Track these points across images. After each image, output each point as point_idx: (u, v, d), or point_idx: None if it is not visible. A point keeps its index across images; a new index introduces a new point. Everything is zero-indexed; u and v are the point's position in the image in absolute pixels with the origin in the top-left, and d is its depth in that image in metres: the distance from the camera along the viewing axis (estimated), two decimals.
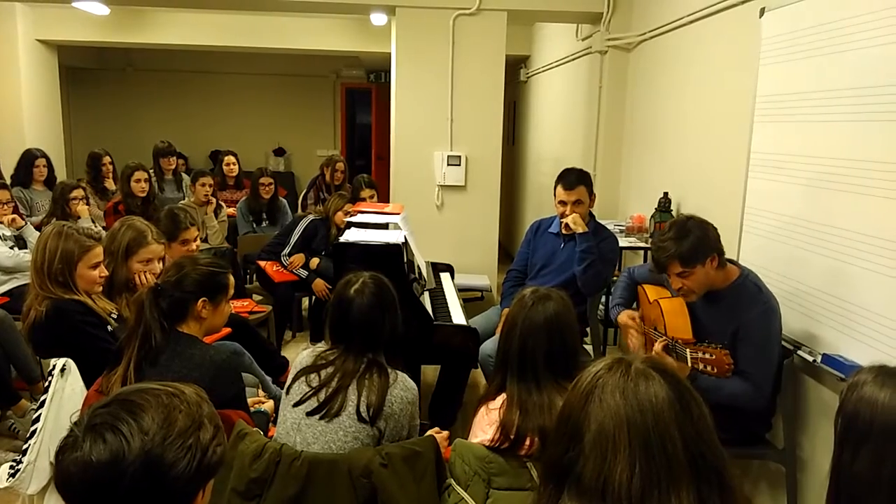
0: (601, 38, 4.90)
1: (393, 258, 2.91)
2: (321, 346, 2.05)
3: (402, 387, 1.95)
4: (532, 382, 1.85)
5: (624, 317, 2.94)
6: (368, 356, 1.97)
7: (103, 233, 3.35)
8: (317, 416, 1.88)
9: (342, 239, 3.01)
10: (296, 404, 1.92)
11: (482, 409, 1.96)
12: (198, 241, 3.53)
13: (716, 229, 2.55)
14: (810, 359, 2.59)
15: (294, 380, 1.97)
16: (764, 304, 2.52)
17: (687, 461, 0.95)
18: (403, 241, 3.03)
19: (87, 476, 0.96)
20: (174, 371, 2.03)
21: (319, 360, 1.98)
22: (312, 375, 1.94)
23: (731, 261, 2.64)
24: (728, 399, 2.51)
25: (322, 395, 1.89)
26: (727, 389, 2.50)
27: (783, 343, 2.70)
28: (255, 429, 1.97)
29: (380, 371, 1.95)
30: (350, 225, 3.35)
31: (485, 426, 1.90)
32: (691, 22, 3.85)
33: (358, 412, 1.87)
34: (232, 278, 2.28)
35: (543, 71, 6.91)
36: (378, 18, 6.29)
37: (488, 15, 4.83)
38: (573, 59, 5.70)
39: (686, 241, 2.46)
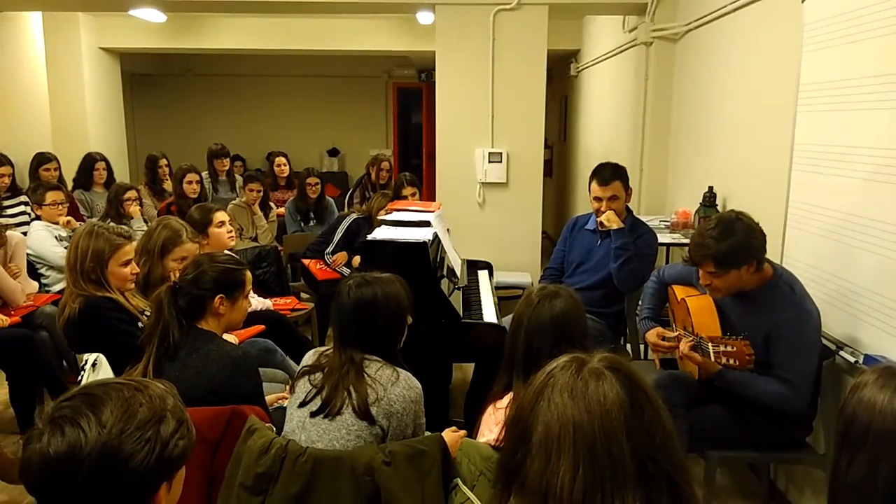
0: (646, 30, 4.78)
1: (418, 256, 2.90)
2: (326, 346, 2.07)
3: (405, 385, 1.93)
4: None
5: (652, 335, 2.86)
6: (360, 354, 1.96)
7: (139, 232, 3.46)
8: (321, 416, 1.88)
9: (369, 237, 3.02)
10: (301, 404, 1.93)
11: (490, 408, 1.93)
12: (227, 227, 3.59)
13: (763, 234, 2.43)
14: (852, 360, 2.45)
15: (298, 379, 1.99)
16: (797, 307, 2.40)
17: (634, 465, 0.90)
18: (431, 238, 3.01)
19: (45, 467, 0.99)
20: (192, 367, 2.09)
21: (322, 359, 1.99)
22: (316, 374, 1.96)
23: (766, 259, 2.52)
24: (759, 397, 2.41)
25: (324, 394, 1.90)
26: (760, 387, 2.41)
27: (826, 343, 2.57)
28: (267, 424, 1.99)
29: (377, 368, 1.94)
30: (382, 223, 3.36)
31: (492, 425, 1.88)
32: (736, 9, 3.70)
33: (357, 409, 1.87)
34: (249, 275, 2.31)
35: (592, 65, 6.79)
36: (425, 17, 6.31)
37: (529, 9, 4.77)
38: (620, 52, 5.58)
39: (727, 242, 2.35)
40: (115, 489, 1.01)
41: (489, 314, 3.30)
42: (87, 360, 2.37)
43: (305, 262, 4.84)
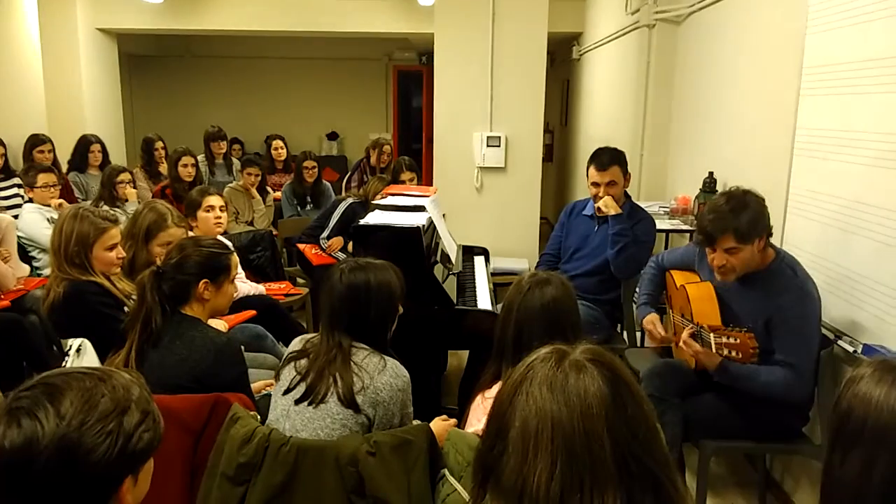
0: (649, 12, 4.70)
1: (412, 241, 2.85)
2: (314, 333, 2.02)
3: (392, 374, 1.89)
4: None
5: (649, 322, 2.82)
6: (348, 340, 1.92)
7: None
8: (305, 403, 1.84)
9: (361, 222, 2.97)
10: (285, 392, 1.89)
11: (478, 398, 1.88)
12: (216, 213, 3.53)
13: (767, 208, 2.40)
14: (851, 349, 2.40)
15: (283, 366, 1.95)
16: (798, 289, 2.35)
17: (615, 463, 0.85)
18: (425, 223, 2.96)
19: (0, 461, 0.94)
20: (175, 353, 2.05)
21: (308, 345, 1.95)
22: (302, 361, 1.91)
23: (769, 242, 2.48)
24: (764, 388, 2.35)
25: (309, 380, 1.86)
26: (763, 377, 2.35)
27: (824, 332, 2.52)
28: (251, 413, 1.95)
29: (364, 355, 1.90)
30: (376, 208, 3.30)
31: (480, 415, 1.83)
32: None
33: (342, 397, 1.82)
34: (235, 259, 2.26)
35: (594, 48, 6.70)
36: None
37: None
38: (622, 35, 5.49)
39: (745, 214, 2.31)
40: (75, 483, 0.96)
41: (484, 301, 3.26)
42: (71, 346, 2.33)
43: (301, 246, 4.79)
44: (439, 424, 2.03)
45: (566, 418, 0.86)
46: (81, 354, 2.31)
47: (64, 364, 2.30)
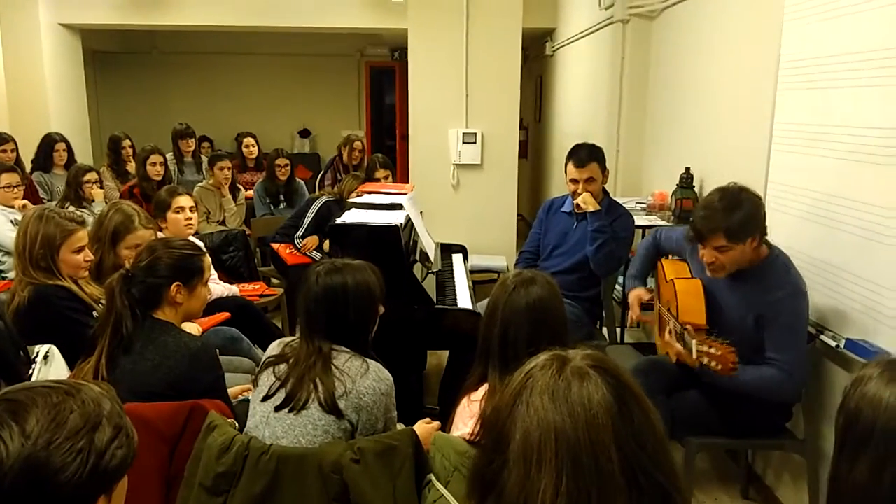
0: (623, 7, 4.69)
1: (390, 240, 2.79)
2: (291, 336, 1.96)
3: (375, 377, 1.84)
4: (514, 373, 1.72)
5: (633, 296, 2.79)
6: (328, 344, 1.86)
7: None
8: (285, 410, 1.78)
9: (338, 220, 2.91)
10: (264, 398, 1.83)
11: (464, 401, 1.84)
12: (186, 214, 3.43)
13: (764, 206, 2.37)
14: (833, 344, 2.40)
15: (261, 371, 1.89)
16: (792, 285, 2.34)
17: (623, 476, 0.80)
18: (403, 222, 2.91)
19: None
20: (148, 359, 1.97)
21: (287, 350, 1.88)
22: (280, 366, 1.85)
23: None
24: (749, 386, 2.32)
25: (288, 387, 1.79)
26: (748, 375, 2.30)
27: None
28: (230, 420, 1.88)
29: (345, 359, 1.85)
30: (352, 206, 3.24)
31: (466, 419, 1.79)
32: None
33: (323, 403, 1.77)
34: (208, 260, 2.19)
35: (568, 44, 6.68)
36: None
37: None
38: (596, 31, 5.48)
39: (737, 213, 2.27)
40: None
41: (464, 299, 3.21)
42: (38, 353, 2.23)
43: (275, 246, 4.70)
44: (423, 428, 1.98)
45: (570, 429, 0.81)
46: (49, 361, 2.21)
47: (31, 372, 2.20)
